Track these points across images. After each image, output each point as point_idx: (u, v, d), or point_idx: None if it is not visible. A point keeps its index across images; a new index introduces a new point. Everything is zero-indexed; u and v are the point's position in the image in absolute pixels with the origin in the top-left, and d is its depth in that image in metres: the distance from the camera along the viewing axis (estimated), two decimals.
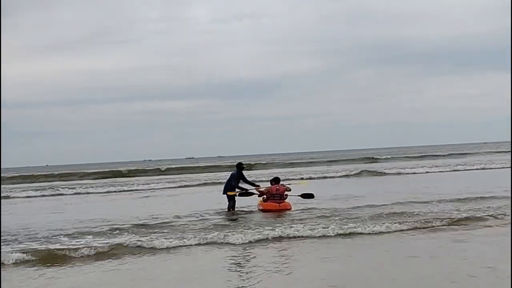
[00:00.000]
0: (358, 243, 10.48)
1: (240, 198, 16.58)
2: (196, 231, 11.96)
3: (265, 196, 16.23)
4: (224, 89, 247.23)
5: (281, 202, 15.88)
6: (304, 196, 17.10)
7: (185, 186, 29.99)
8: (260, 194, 16.48)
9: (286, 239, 11.00)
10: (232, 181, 16.48)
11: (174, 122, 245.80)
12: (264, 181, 21.73)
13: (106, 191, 28.40)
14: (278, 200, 15.92)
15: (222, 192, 16.59)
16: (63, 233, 12.38)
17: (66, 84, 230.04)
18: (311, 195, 17.16)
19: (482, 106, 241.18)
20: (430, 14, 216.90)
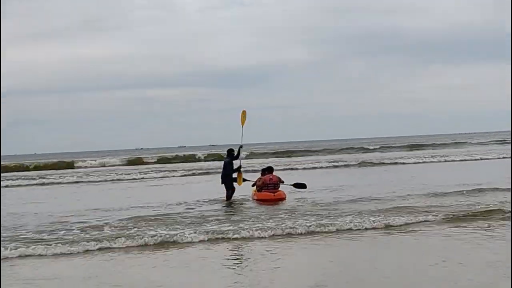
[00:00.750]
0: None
1: (239, 187, 16.92)
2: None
3: (258, 186, 16.47)
4: (214, 78, 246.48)
5: (275, 191, 16.10)
6: (296, 185, 17.48)
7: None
8: (254, 184, 16.79)
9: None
10: (228, 169, 16.82)
11: (164, 111, 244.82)
12: (257, 171, 21.88)
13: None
14: (272, 189, 16.17)
15: (221, 182, 16.85)
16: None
17: (55, 72, 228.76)
18: (304, 185, 17.56)
19: (473, 97, 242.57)
20: (422, 4, 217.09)
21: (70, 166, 45.32)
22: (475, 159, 34.83)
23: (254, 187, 16.84)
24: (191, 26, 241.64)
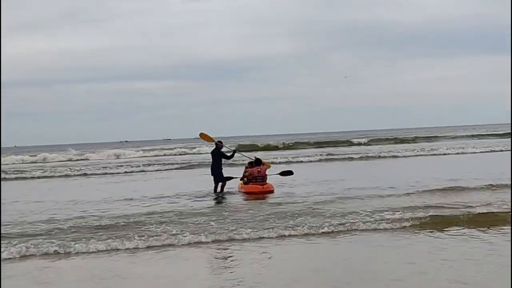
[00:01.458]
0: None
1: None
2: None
3: (245, 178, 16.34)
4: (198, 70, 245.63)
5: (264, 184, 15.95)
6: (283, 174, 17.39)
7: None
8: (242, 177, 16.56)
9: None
10: (217, 160, 16.57)
11: (148, 104, 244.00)
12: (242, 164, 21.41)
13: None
14: (260, 182, 15.98)
15: (211, 173, 16.64)
16: None
17: (38, 64, 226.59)
18: (290, 172, 17.53)
19: (458, 90, 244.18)
20: None
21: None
22: (461, 154, 34.40)
23: (241, 180, 16.64)
24: (176, 18, 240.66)
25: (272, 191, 15.67)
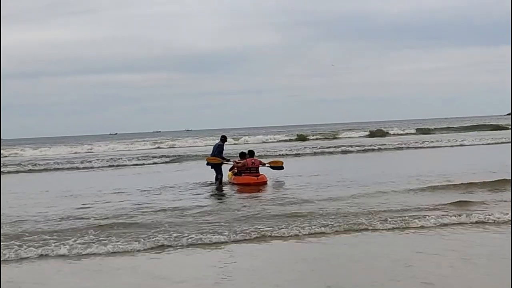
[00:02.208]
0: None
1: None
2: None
3: (235, 169, 16.33)
4: (183, 62, 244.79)
5: (258, 175, 15.95)
6: (274, 167, 17.25)
7: None
8: (234, 166, 16.52)
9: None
10: (215, 151, 16.84)
11: (135, 95, 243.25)
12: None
13: None
14: (254, 173, 15.99)
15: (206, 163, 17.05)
16: None
17: (21, 55, 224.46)
18: (281, 167, 17.28)
19: (444, 81, 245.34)
20: None
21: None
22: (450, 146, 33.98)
23: (231, 171, 16.68)
24: (161, 8, 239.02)
25: (266, 182, 15.63)
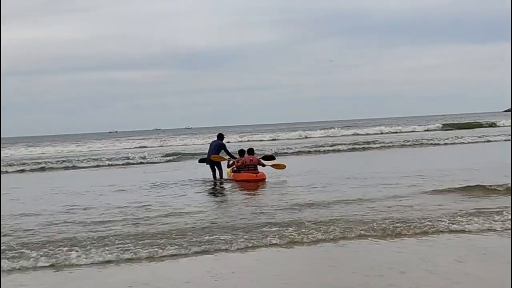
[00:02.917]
0: None
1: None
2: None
3: (234, 167, 16.78)
4: (183, 59, 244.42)
5: (257, 172, 16.44)
6: (271, 161, 17.48)
7: None
8: (233, 163, 17.02)
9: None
10: (215, 150, 17.41)
11: (133, 93, 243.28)
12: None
13: None
14: (253, 170, 16.50)
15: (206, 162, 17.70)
16: None
17: (18, 54, 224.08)
18: (275, 162, 17.54)
19: (441, 79, 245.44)
20: None
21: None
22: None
23: (229, 168, 17.22)
24: (159, 5, 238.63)
25: (264, 179, 16.06)
